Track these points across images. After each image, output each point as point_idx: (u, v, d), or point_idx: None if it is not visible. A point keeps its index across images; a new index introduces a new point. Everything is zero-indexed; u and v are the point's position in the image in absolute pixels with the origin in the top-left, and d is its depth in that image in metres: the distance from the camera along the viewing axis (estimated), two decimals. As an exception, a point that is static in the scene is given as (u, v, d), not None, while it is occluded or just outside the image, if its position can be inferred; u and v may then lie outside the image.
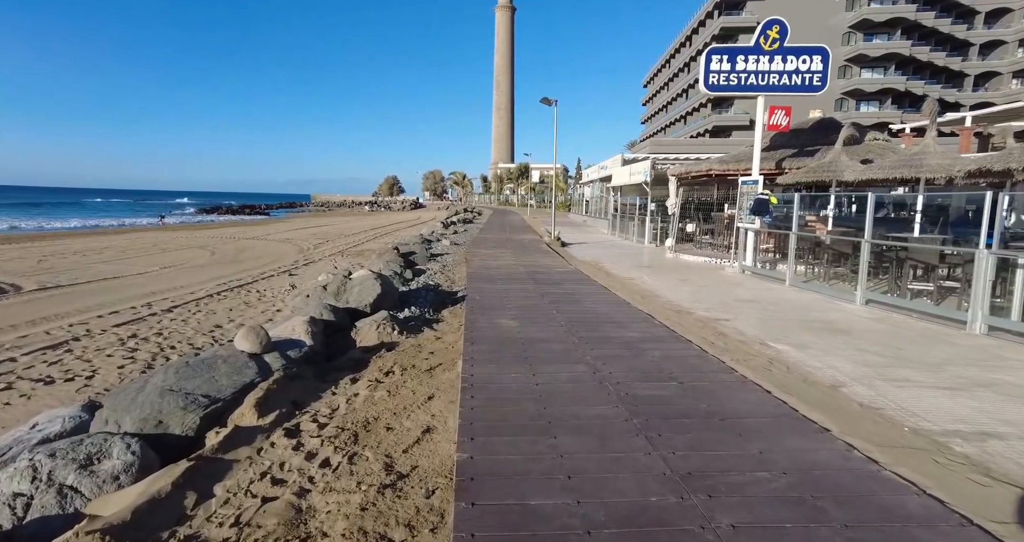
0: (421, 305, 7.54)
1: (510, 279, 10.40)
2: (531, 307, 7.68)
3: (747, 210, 11.42)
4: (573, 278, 10.69)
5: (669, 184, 17.34)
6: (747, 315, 7.39)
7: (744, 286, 9.97)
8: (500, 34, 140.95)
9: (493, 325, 6.49)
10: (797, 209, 9.81)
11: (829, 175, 10.07)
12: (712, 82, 11.22)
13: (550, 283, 9.94)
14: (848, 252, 9.81)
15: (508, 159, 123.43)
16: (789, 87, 11.01)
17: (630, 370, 4.82)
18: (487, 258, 14.05)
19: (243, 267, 15.21)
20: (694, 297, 8.73)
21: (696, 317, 7.20)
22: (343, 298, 6.81)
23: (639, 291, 9.21)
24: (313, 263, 15.98)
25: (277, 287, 11.54)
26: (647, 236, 18.86)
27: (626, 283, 10.11)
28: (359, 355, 5.40)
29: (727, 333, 6.34)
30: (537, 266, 12.46)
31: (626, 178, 23.16)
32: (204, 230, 32.93)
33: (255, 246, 21.56)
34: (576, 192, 46.21)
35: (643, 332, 6.25)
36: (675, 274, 11.49)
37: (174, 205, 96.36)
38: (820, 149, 12.67)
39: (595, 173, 34.31)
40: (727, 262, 12.99)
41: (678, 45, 70.08)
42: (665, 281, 10.44)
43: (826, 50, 10.79)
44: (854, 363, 5.13)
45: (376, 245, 20.72)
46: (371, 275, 7.10)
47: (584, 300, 8.28)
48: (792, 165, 12.32)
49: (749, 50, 11.01)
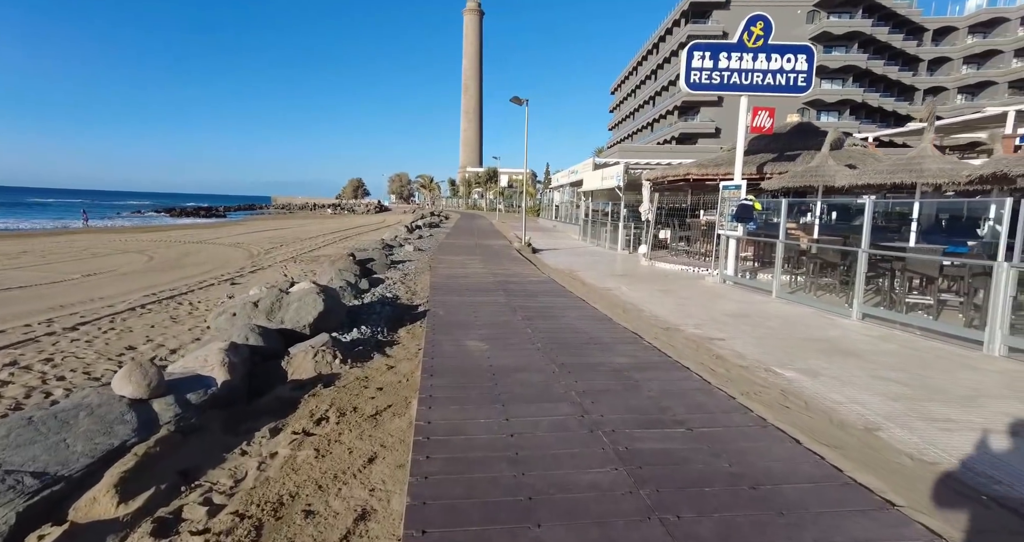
0: (374, 323, 6.49)
1: (479, 290, 9.44)
2: (503, 324, 6.74)
3: (729, 216, 10.81)
4: (548, 289, 9.81)
5: (643, 189, 16.75)
6: (741, 333, 6.65)
7: (729, 298, 9.30)
8: (468, 38, 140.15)
9: (458, 348, 5.52)
10: (784, 216, 9.21)
11: (818, 180, 9.54)
12: (694, 80, 10.58)
13: (523, 294, 9.03)
14: (836, 262, 9.28)
15: (476, 163, 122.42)
16: (773, 87, 10.48)
17: (626, 410, 3.93)
18: (454, 266, 13.04)
19: (182, 274, 13.73)
20: (680, 311, 7.97)
21: (687, 336, 6.41)
22: (277, 317, 5.71)
23: (620, 304, 8.40)
24: (262, 270, 14.61)
25: (215, 298, 10.23)
26: (620, 242, 18.22)
27: (605, 294, 9.29)
28: (288, 393, 4.34)
29: (725, 356, 5.55)
30: (508, 275, 11.53)
31: (598, 183, 22.56)
32: (149, 233, 30.66)
33: (201, 250, 19.88)
34: (546, 197, 45.64)
35: (633, 356, 5.39)
36: (654, 284, 10.77)
37: (123, 206, 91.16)
38: (801, 153, 12.23)
39: (565, 177, 33.73)
40: (706, 270, 12.38)
41: (645, 52, 70.74)
42: (645, 292, 9.68)
43: (811, 49, 10.31)
44: (879, 395, 4.40)
45: (333, 250, 19.38)
46: (313, 289, 6.02)
47: (562, 315, 7.40)
48: (774, 170, 11.82)
49: (732, 47, 10.43)
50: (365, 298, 8.18)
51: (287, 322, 5.67)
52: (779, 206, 9.70)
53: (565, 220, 31.09)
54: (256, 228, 37.48)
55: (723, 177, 12.47)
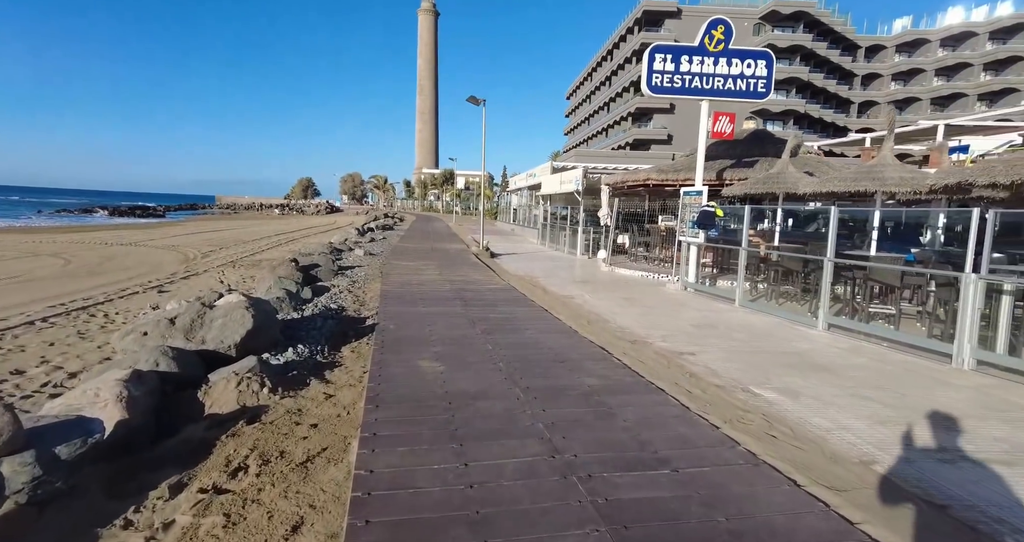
0: (314, 341, 5.77)
1: (434, 299, 8.81)
2: (460, 340, 6.16)
3: (691, 223, 10.64)
4: (508, 297, 9.29)
5: (601, 194, 16.55)
6: (711, 346, 6.35)
7: (692, 306, 9.07)
8: (423, 38, 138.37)
9: (410, 370, 4.90)
10: (747, 223, 9.08)
11: (779, 187, 9.48)
12: (655, 83, 10.36)
13: (482, 304, 8.47)
14: (797, 270, 9.22)
15: (432, 165, 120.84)
16: (734, 92, 10.39)
17: (601, 447, 3.44)
18: (407, 272, 12.33)
19: (102, 281, 12.37)
20: (645, 321, 7.62)
21: (657, 350, 6.03)
22: (198, 336, 4.91)
23: (584, 314, 7.98)
24: (196, 275, 13.40)
25: (136, 309, 9.13)
26: (579, 247, 17.95)
27: (567, 303, 8.86)
28: (202, 433, 3.61)
29: (699, 374, 5.19)
30: (466, 282, 10.94)
31: (556, 187, 22.27)
32: (72, 233, 28.12)
33: (129, 254, 18.22)
34: (503, 200, 45.24)
35: (603, 377, 4.94)
36: (616, 291, 10.45)
37: (46, 204, 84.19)
38: (758, 160, 12.26)
39: (523, 181, 33.39)
40: (666, 277, 12.21)
41: (600, 58, 71.72)
42: (608, 300, 9.33)
43: (770, 55, 10.29)
44: (864, 419, 4.11)
45: (277, 254, 18.18)
46: (242, 303, 5.25)
47: (524, 328, 6.89)
48: (733, 176, 11.78)
49: (693, 50, 10.27)
50: (306, 310, 7.40)
51: (209, 342, 4.89)
52: (741, 212, 9.59)
53: (523, 224, 30.75)
54: (196, 229, 35.19)
55: (683, 183, 12.35)
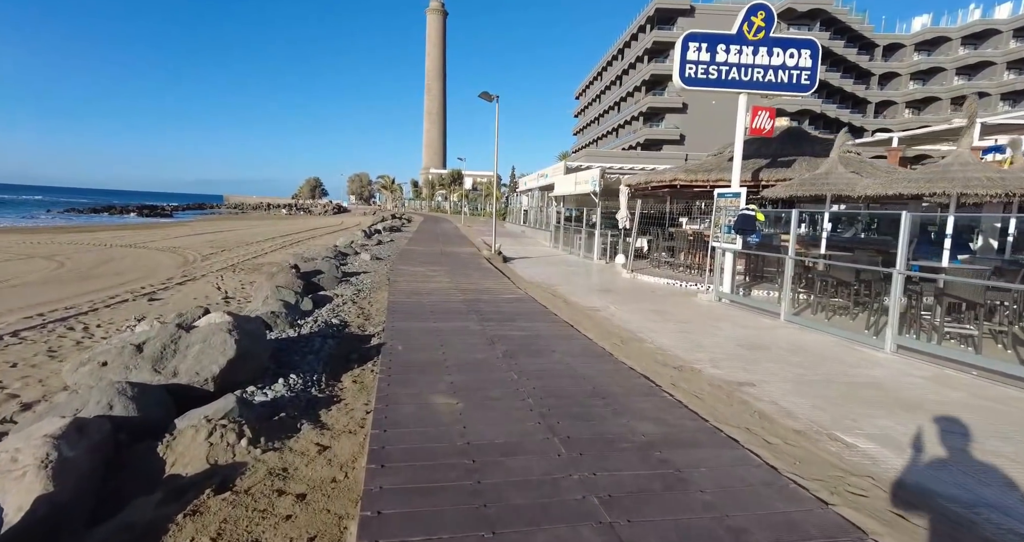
0: (309, 367, 4.92)
1: (446, 312, 7.95)
2: (479, 365, 5.30)
3: (726, 227, 9.73)
4: (527, 310, 8.41)
5: (620, 195, 15.66)
6: (769, 373, 5.45)
7: (733, 321, 8.15)
8: (432, 38, 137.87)
9: (421, 409, 4.05)
10: (795, 227, 8.15)
11: (830, 188, 8.55)
12: (688, 74, 9.45)
13: (500, 318, 7.60)
14: (849, 280, 8.29)
15: (440, 165, 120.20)
16: (775, 85, 9.47)
17: (683, 540, 2.56)
18: (416, 279, 11.48)
19: (92, 286, 11.62)
20: (686, 341, 6.73)
21: (709, 380, 5.14)
22: (169, 366, 4.08)
23: (614, 331, 7.09)
24: (192, 281, 12.63)
25: (122, 320, 8.35)
26: (596, 251, 17.05)
27: (593, 317, 7.98)
28: (152, 511, 2.75)
29: (770, 414, 4.30)
30: (479, 291, 10.08)
31: (570, 187, 21.38)
32: (73, 233, 27.55)
33: (127, 256, 17.52)
34: (514, 200, 44.38)
35: (658, 420, 4.05)
36: (643, 302, 9.55)
37: (56, 203, 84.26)
38: (795, 160, 11.32)
39: (534, 181, 32.53)
40: (695, 286, 11.29)
41: (610, 58, 70.70)
42: (638, 313, 8.44)
43: (816, 44, 9.35)
44: (1017, 495, 3.19)
45: (280, 257, 17.41)
46: (224, 324, 4.42)
47: (550, 349, 6.01)
48: (770, 177, 10.84)
49: (731, 39, 9.35)
50: (304, 326, 6.56)
51: (182, 374, 4.05)
52: (782, 216, 8.69)
53: (535, 225, 29.87)
54: (201, 230, 34.61)
55: (714, 184, 11.43)
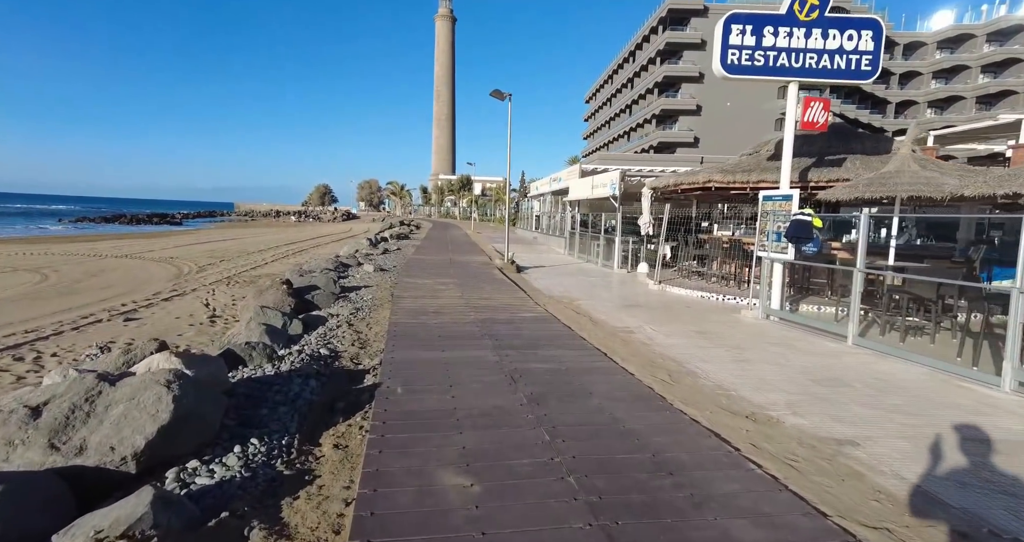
0: (279, 426, 3.79)
1: (456, 337, 6.81)
2: (498, 418, 4.15)
3: (774, 234, 8.53)
4: (550, 332, 7.24)
5: (642, 199, 14.49)
6: (870, 424, 4.25)
7: (791, 345, 6.94)
8: (440, 44, 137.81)
9: (421, 498, 2.90)
10: (864, 235, 6.94)
11: (906, 189, 7.33)
12: (731, 61, 8.30)
13: (520, 345, 6.44)
14: (929, 297, 7.05)
15: (449, 171, 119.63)
16: (830, 72, 8.29)
17: None
18: (423, 293, 10.36)
19: (69, 303, 10.65)
20: (747, 374, 5.53)
21: (797, 438, 3.94)
22: (75, 438, 2.97)
23: (657, 361, 5.92)
24: (181, 296, 11.63)
25: (84, 346, 7.31)
26: (616, 259, 15.87)
27: (629, 341, 6.80)
28: None
29: (901, 498, 3.11)
30: (494, 308, 8.93)
31: (586, 191, 20.23)
32: (71, 243, 26.85)
33: (118, 267, 16.62)
34: (524, 206, 43.27)
35: (760, 519, 2.86)
36: (680, 320, 8.36)
37: (66, 212, 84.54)
38: (846, 158, 10.09)
39: (546, 186, 31.43)
40: (734, 299, 10.08)
41: (621, 60, 69.62)
42: (678, 336, 7.25)
43: (880, 24, 8.16)
44: None
45: (280, 268, 16.41)
46: (163, 374, 3.32)
47: (585, 389, 4.84)
48: (821, 177, 9.62)
49: (780, 20, 8.19)
50: (285, 361, 5.44)
51: (92, 450, 2.94)
52: (851, 221, 7.48)
53: (547, 231, 28.73)
54: (205, 238, 33.91)
55: (755, 186, 10.24)
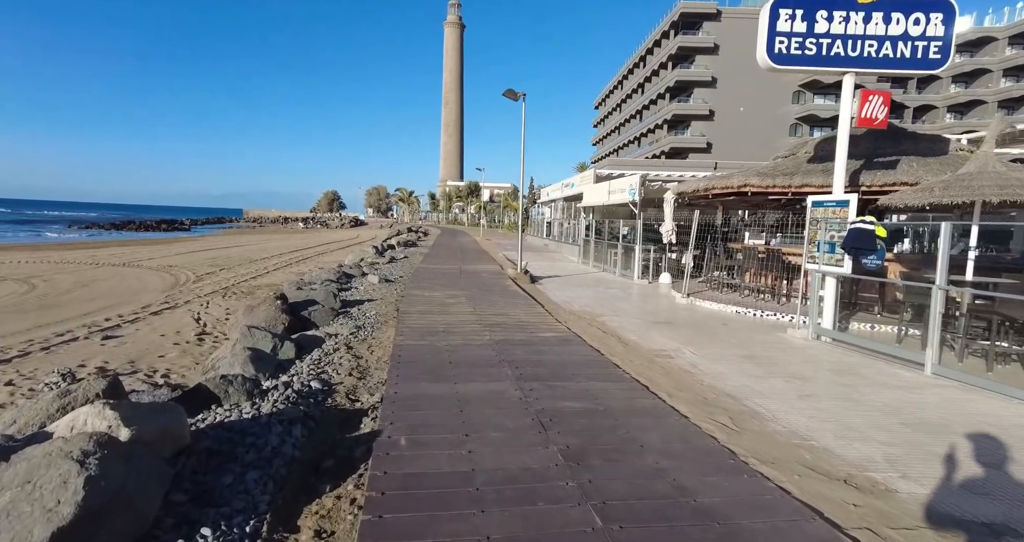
0: (244, 502, 2.89)
1: (470, 365, 5.87)
2: (527, 483, 3.20)
3: (826, 244, 7.56)
4: (577, 358, 6.28)
5: (665, 205, 13.54)
6: (997, 487, 3.27)
7: (861, 375, 5.94)
8: (449, 51, 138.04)
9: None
10: (945, 249, 5.95)
11: (995, 193, 6.34)
12: (778, 50, 7.37)
13: (544, 375, 5.49)
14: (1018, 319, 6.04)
15: (457, 177, 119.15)
16: (893, 61, 7.33)
17: None
18: (431, 308, 9.45)
19: (49, 317, 9.85)
20: (824, 415, 4.56)
21: (922, 515, 2.97)
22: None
23: (712, 398, 4.95)
24: (172, 309, 10.80)
25: (46, 372, 6.45)
26: (636, 269, 14.91)
27: (669, 370, 5.84)
28: None
29: None
30: (511, 326, 7.99)
31: (602, 197, 19.33)
32: (75, 250, 26.26)
33: (112, 277, 15.87)
34: (534, 212, 42.39)
35: None
36: (723, 342, 7.38)
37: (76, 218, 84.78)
38: (899, 160, 9.10)
39: (557, 191, 30.55)
40: (774, 315, 9.09)
41: (631, 66, 68.87)
42: (725, 361, 6.28)
43: (951, 6, 7.19)
44: None
45: (281, 277, 15.59)
46: (80, 443, 2.41)
47: (634, 439, 3.88)
48: (874, 181, 8.64)
49: (835, 3, 7.26)
50: (268, 397, 4.53)
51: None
52: (894, 230, 6.49)
53: (559, 239, 27.79)
54: (210, 245, 33.28)
55: (798, 191, 9.27)
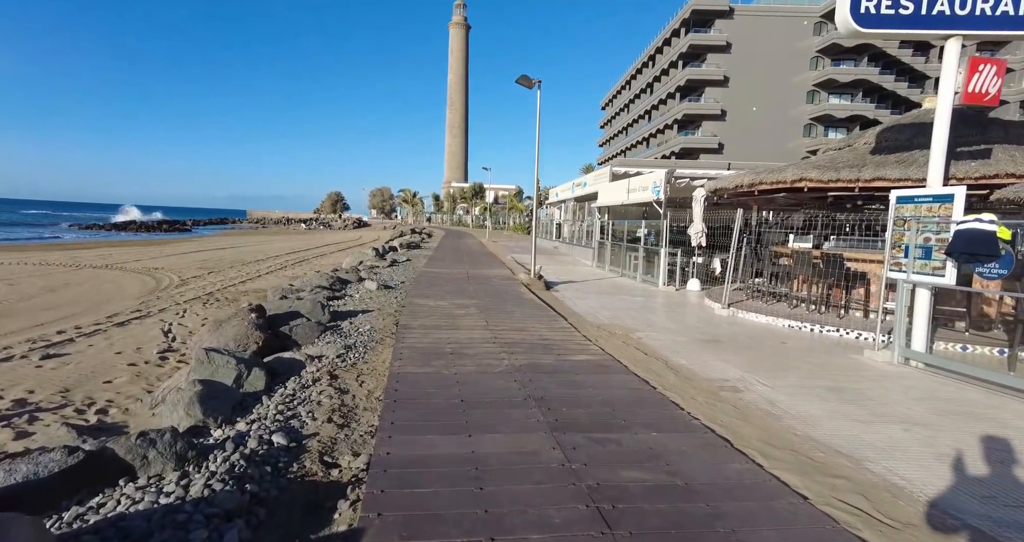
0: None
1: (487, 405, 4.50)
2: None
3: (920, 250, 6.18)
4: (622, 392, 4.90)
5: (694, 204, 12.20)
6: None
7: (997, 421, 4.56)
8: (454, 52, 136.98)
9: None
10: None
11: None
12: (866, 9, 6.02)
13: (584, 421, 4.11)
14: None
15: (462, 178, 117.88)
16: (1010, 19, 5.96)
17: None
18: (436, 322, 8.08)
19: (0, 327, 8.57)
20: (990, 486, 3.18)
21: None
22: None
23: (820, 460, 3.58)
24: (142, 318, 9.50)
25: (-37, 401, 5.14)
26: (661, 275, 13.52)
27: (747, 413, 4.47)
28: None
29: None
30: (532, 346, 6.61)
31: (620, 196, 17.93)
32: (59, 251, 25.05)
33: (90, 280, 14.60)
34: (542, 213, 41.01)
35: None
36: (792, 367, 6.00)
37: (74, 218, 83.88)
38: (991, 149, 7.72)
39: (567, 192, 29.19)
40: (838, 332, 7.70)
41: (640, 65, 67.53)
42: (807, 397, 4.90)
43: (1085, -47, 5.82)
44: None
45: (273, 281, 14.28)
46: None
47: None
48: (969, 172, 7.26)
49: (937, -49, 5.91)
50: (207, 463, 3.19)
51: None
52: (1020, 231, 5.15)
53: (570, 240, 26.41)
54: (206, 246, 32.05)
55: (867, 185, 7.90)
